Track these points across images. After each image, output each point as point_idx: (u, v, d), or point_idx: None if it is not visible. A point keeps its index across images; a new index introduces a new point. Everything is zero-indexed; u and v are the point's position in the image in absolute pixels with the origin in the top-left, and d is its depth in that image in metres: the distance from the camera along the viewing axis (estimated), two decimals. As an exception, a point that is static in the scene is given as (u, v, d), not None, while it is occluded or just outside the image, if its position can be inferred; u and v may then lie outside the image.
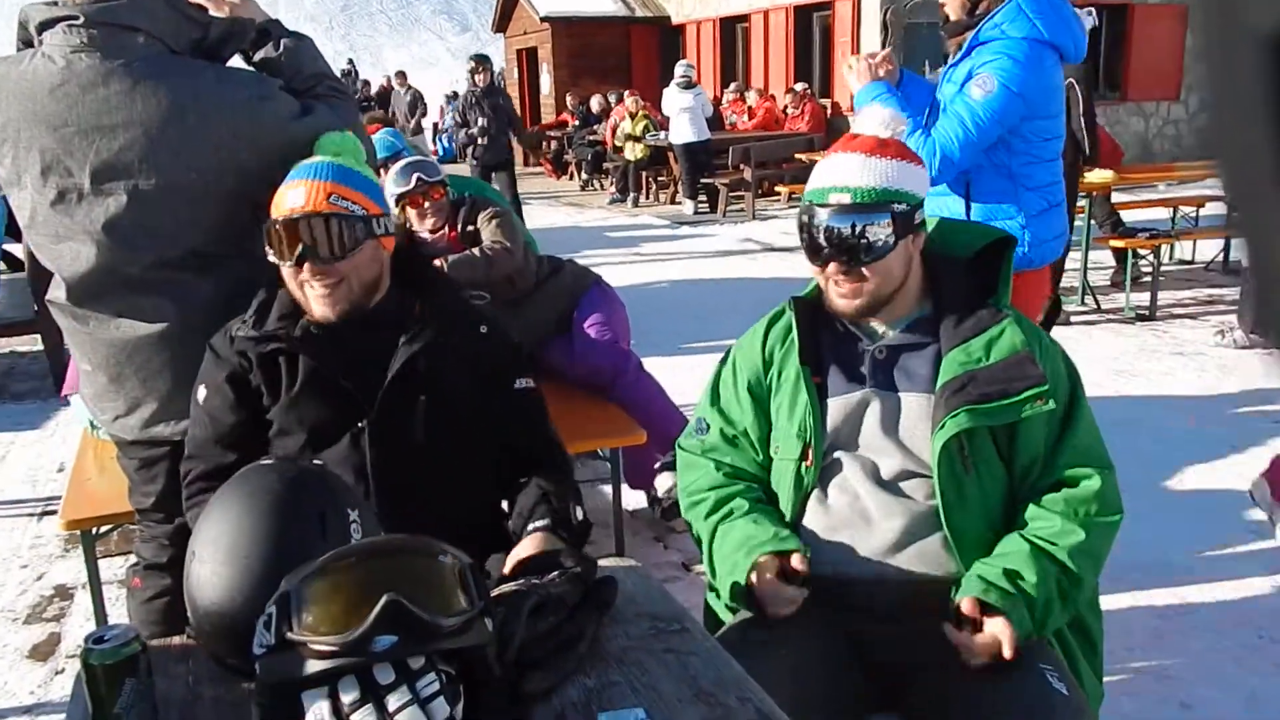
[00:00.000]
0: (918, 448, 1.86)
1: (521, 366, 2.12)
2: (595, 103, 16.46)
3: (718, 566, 1.91)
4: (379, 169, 3.43)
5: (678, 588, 3.25)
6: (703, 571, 2.05)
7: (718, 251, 10.13)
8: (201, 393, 1.98)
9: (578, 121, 16.82)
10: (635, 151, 13.74)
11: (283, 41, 2.24)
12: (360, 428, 1.92)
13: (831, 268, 1.87)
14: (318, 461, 1.76)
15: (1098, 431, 1.91)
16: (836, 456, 1.90)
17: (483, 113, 10.18)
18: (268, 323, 1.95)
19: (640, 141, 13.67)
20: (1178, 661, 2.88)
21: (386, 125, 5.06)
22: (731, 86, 16.90)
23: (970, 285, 1.94)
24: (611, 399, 3.61)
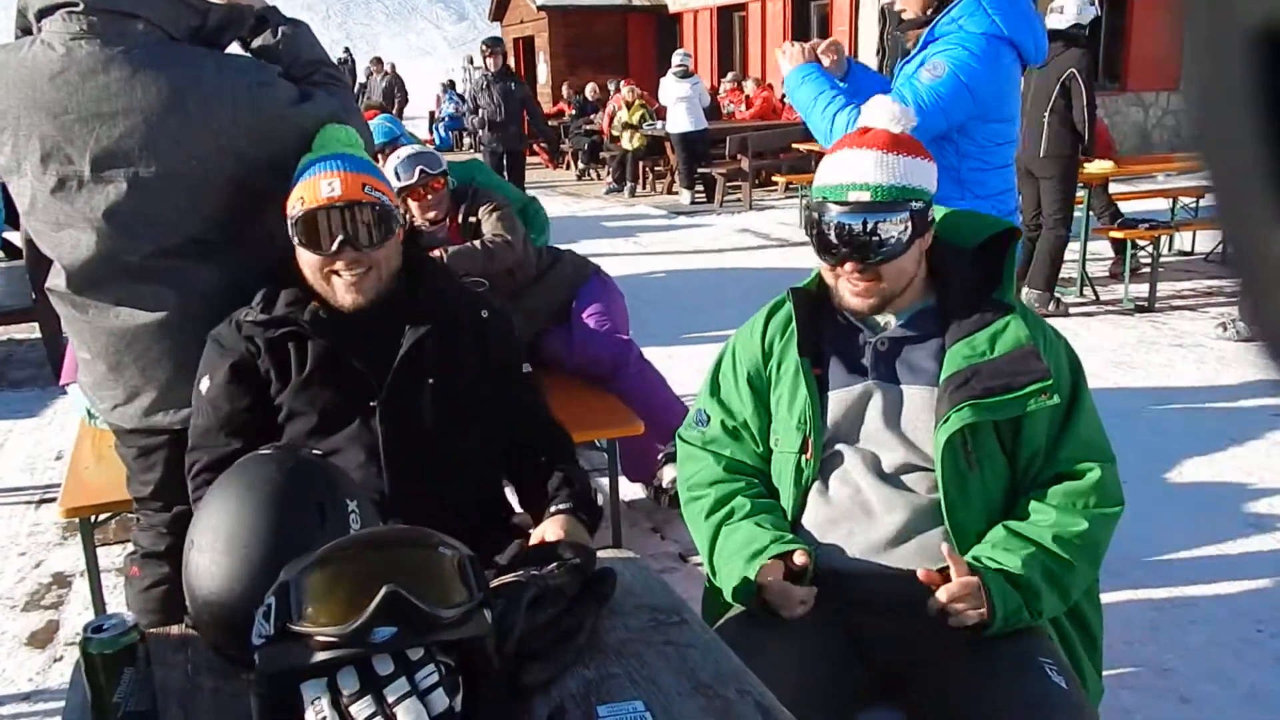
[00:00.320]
0: (920, 441, 1.85)
1: (522, 350, 2.17)
2: (590, 91, 16.35)
3: (720, 568, 1.90)
4: (376, 155, 3.42)
5: (675, 579, 3.25)
6: (700, 563, 2.05)
7: (714, 241, 10.10)
8: (205, 382, 1.99)
9: (574, 111, 16.77)
10: (632, 141, 13.68)
11: (280, 28, 2.23)
12: (371, 408, 1.96)
13: (847, 266, 1.84)
14: (318, 451, 1.75)
15: (1100, 423, 1.90)
16: (838, 449, 1.89)
17: (492, 98, 10.00)
18: (276, 310, 1.97)
19: (637, 131, 13.61)
20: (1177, 656, 2.88)
21: (384, 113, 5.03)
22: (729, 76, 16.86)
23: (975, 276, 1.92)
24: (612, 390, 3.60)
